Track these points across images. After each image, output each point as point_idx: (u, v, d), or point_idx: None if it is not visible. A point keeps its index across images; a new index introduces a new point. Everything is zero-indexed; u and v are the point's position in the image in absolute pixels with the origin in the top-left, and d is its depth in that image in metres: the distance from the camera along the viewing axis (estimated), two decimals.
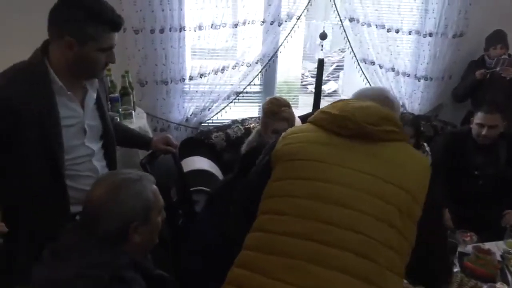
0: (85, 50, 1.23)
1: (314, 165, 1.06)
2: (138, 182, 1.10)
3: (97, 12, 1.22)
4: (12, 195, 1.29)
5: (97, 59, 1.27)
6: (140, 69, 2.54)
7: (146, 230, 1.09)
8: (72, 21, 1.21)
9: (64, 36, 1.21)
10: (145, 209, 1.09)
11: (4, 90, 1.16)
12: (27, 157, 1.23)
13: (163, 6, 2.44)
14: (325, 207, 1.00)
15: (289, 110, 2.03)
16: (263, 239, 1.03)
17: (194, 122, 2.78)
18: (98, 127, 1.43)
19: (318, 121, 1.15)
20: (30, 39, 1.32)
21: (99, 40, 1.24)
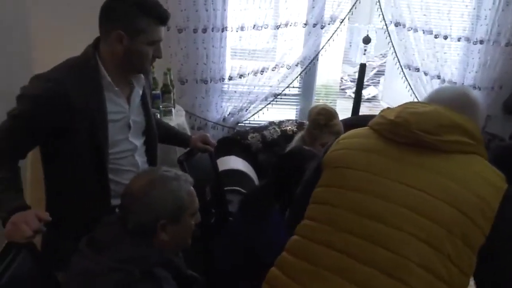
0: (135, 43, 1.27)
1: (358, 175, 1.01)
2: (174, 181, 1.11)
3: (146, 6, 1.26)
4: (58, 184, 1.35)
5: (146, 53, 1.30)
6: (182, 67, 2.59)
7: (175, 230, 1.10)
8: (123, 15, 1.25)
9: (114, 31, 1.25)
10: (177, 209, 1.09)
11: (58, 83, 1.21)
12: (75, 148, 1.28)
13: (207, 6, 2.47)
14: (361, 221, 0.95)
15: (339, 123, 1.98)
16: (298, 244, 1.03)
17: (231, 122, 2.79)
18: (142, 123, 1.47)
19: (375, 124, 1.07)
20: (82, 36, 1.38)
21: (149, 33, 1.27)
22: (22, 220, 1.07)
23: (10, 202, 1.13)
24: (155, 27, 1.29)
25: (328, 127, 1.95)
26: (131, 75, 1.39)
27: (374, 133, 1.06)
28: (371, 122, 1.11)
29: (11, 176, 1.20)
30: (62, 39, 2.36)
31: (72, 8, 2.36)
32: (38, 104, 1.20)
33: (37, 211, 1.11)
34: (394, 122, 1.01)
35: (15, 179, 1.21)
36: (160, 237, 1.08)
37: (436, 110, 1.00)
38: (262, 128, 2.69)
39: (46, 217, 1.10)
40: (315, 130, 1.97)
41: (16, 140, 1.22)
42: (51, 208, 1.38)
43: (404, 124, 0.98)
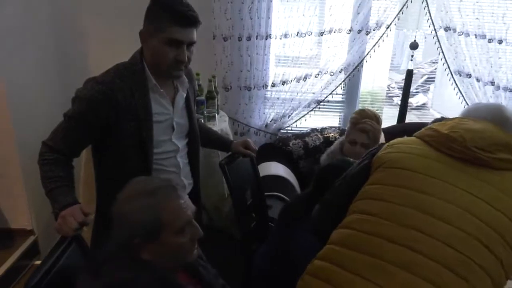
0: (154, 41, 1.31)
1: (416, 176, 1.04)
2: (150, 196, 1.00)
3: (167, 5, 1.29)
4: (107, 183, 1.44)
5: (164, 52, 1.31)
6: (226, 74, 2.65)
7: (157, 249, 1.00)
8: (149, 15, 1.32)
9: (143, 31, 1.33)
10: (151, 227, 0.98)
11: (109, 85, 1.30)
12: (123, 147, 1.35)
13: (251, 15, 2.52)
14: (422, 217, 0.97)
15: (371, 123, 1.97)
16: (349, 236, 1.04)
17: (274, 128, 2.81)
18: (185, 125, 1.52)
19: (425, 137, 1.12)
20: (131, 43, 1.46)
21: (167, 32, 1.28)
22: (69, 213, 1.15)
23: (62, 199, 1.21)
24: (174, 27, 1.28)
25: (357, 124, 1.96)
26: (165, 77, 1.41)
27: (425, 144, 1.11)
28: (419, 134, 1.16)
29: (65, 174, 1.29)
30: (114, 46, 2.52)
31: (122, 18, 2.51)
32: (89, 104, 1.29)
33: (82, 205, 1.19)
34: (449, 137, 1.06)
35: (68, 177, 1.29)
36: (143, 256, 0.99)
37: (488, 129, 1.06)
38: (304, 134, 2.68)
39: (88, 210, 1.18)
40: (349, 127, 2.02)
41: (71, 139, 1.31)
42: (100, 206, 1.47)
43: (459, 140, 1.04)
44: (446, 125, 1.10)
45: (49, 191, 1.24)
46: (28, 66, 2.31)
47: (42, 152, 1.30)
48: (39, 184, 1.28)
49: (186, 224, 1.03)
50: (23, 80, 2.27)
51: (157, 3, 1.31)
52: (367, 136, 1.92)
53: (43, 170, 1.27)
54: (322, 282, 1.00)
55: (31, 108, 2.34)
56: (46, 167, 1.27)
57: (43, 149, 1.30)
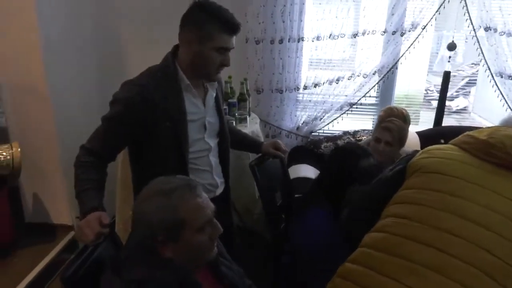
0: (202, 48, 1.36)
1: (452, 181, 1.03)
2: (168, 196, 1.02)
3: (216, 14, 1.34)
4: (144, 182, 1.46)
5: (213, 59, 1.37)
6: (258, 77, 2.67)
7: (179, 247, 1.02)
8: (195, 21, 1.35)
9: (187, 35, 1.36)
10: (172, 226, 1.00)
11: (145, 86, 1.35)
12: (159, 147, 1.39)
13: (284, 18, 2.53)
14: (459, 221, 0.96)
15: (397, 122, 1.92)
16: (382, 239, 1.03)
17: (305, 131, 2.80)
18: (216, 124, 1.55)
19: (462, 144, 1.11)
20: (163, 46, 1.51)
21: (215, 39, 1.35)
22: (85, 224, 1.14)
23: (87, 203, 1.23)
24: (224, 35, 1.36)
25: (383, 122, 1.92)
26: (201, 80, 1.47)
27: (462, 150, 1.10)
28: (455, 141, 1.15)
29: (97, 178, 1.31)
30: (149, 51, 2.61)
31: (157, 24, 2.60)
32: (127, 106, 1.34)
33: (101, 214, 1.18)
34: (487, 143, 1.05)
35: (99, 181, 1.32)
36: (165, 254, 1.02)
37: None
38: (336, 137, 2.65)
39: (106, 221, 1.16)
40: (376, 124, 2.00)
41: (109, 141, 1.36)
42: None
43: (499, 146, 1.03)
44: (484, 132, 1.09)
45: (78, 193, 1.27)
46: (69, 71, 2.43)
47: (79, 155, 1.34)
48: None
49: (205, 222, 1.05)
50: (64, 83, 2.39)
51: (204, 11, 1.35)
52: (391, 134, 1.87)
53: (76, 172, 1.31)
54: (353, 284, 1.00)
55: (72, 110, 2.46)
56: (80, 169, 1.31)
57: (80, 152, 1.35)
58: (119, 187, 2.23)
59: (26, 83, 2.25)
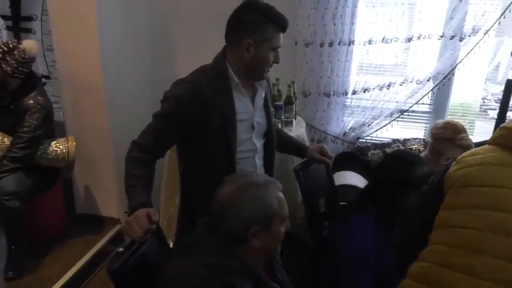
0: (260, 50, 1.36)
1: (492, 192, 0.95)
2: (263, 187, 1.09)
3: (271, 16, 1.35)
4: (191, 180, 1.50)
5: (268, 59, 1.40)
6: (306, 80, 2.63)
7: (266, 237, 1.08)
8: (251, 25, 1.35)
9: (243, 40, 1.36)
10: (267, 215, 1.07)
11: (196, 84, 1.37)
12: (208, 144, 1.40)
13: (335, 21, 2.48)
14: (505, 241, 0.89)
15: (468, 137, 1.82)
16: (428, 271, 0.98)
17: (352, 136, 2.73)
18: (264, 125, 1.54)
19: (497, 139, 1.04)
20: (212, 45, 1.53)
21: (273, 40, 1.37)
22: (134, 219, 1.16)
23: (135, 198, 1.25)
24: (278, 35, 1.38)
25: (455, 141, 1.80)
26: (252, 80, 1.48)
27: (497, 148, 1.02)
28: (492, 139, 1.07)
29: (146, 174, 1.34)
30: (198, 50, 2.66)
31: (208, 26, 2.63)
32: (179, 103, 1.36)
33: (150, 210, 1.19)
34: None
35: (147, 178, 1.34)
36: (253, 244, 1.06)
37: None
38: (384, 145, 2.55)
39: (155, 217, 1.18)
40: (441, 145, 1.83)
41: (159, 138, 1.38)
42: (185, 202, 1.55)
43: None
44: None
45: (127, 188, 1.30)
46: (123, 69, 2.53)
47: (129, 150, 1.38)
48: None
49: (287, 215, 1.13)
50: (119, 81, 2.49)
51: (255, 12, 1.35)
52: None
53: (127, 167, 1.34)
54: None
55: (124, 106, 2.56)
56: (130, 164, 1.34)
57: (131, 147, 1.38)
58: (165, 184, 2.28)
59: (84, 80, 2.36)
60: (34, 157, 2.19)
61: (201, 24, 2.68)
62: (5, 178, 2.03)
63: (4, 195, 1.99)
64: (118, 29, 2.42)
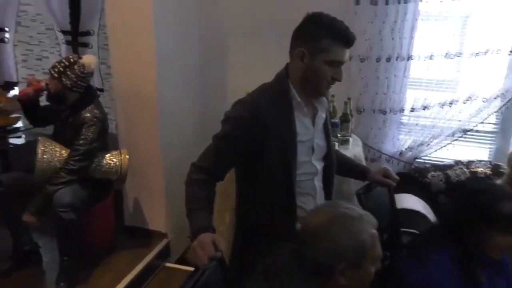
0: (315, 61, 1.29)
1: None
2: (357, 221, 1.01)
3: (332, 27, 1.28)
4: (249, 202, 1.45)
5: (324, 72, 1.31)
6: (360, 96, 2.54)
7: (354, 276, 1.01)
8: (307, 34, 1.30)
9: (299, 49, 1.31)
10: (358, 252, 0.99)
11: (255, 104, 1.32)
12: (268, 166, 1.35)
13: (393, 35, 2.38)
14: None
15: None
16: None
17: (409, 156, 2.59)
18: (323, 147, 1.47)
19: None
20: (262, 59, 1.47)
21: (329, 52, 1.28)
22: (199, 245, 1.11)
23: (198, 222, 1.21)
24: (337, 48, 1.28)
25: None
26: (311, 97, 1.40)
27: None
28: None
29: (207, 196, 1.30)
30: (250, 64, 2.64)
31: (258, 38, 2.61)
32: (239, 124, 1.32)
33: (215, 237, 1.15)
34: None
35: (208, 200, 1.30)
36: (339, 282, 1.00)
37: None
38: (446, 166, 2.40)
39: (220, 245, 1.13)
40: None
41: (220, 159, 1.35)
42: (242, 222, 1.50)
43: None
44: None
45: (189, 211, 1.27)
46: (176, 84, 2.54)
47: (190, 172, 1.34)
48: (177, 192, 1.32)
49: (380, 255, 1.03)
50: (172, 96, 2.50)
51: (316, 23, 1.29)
52: None
53: (187, 190, 1.31)
54: None
55: (176, 122, 2.56)
56: (190, 187, 1.31)
57: (191, 169, 1.35)
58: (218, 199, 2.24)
59: (138, 94, 2.39)
60: (89, 169, 2.22)
61: (253, 37, 2.67)
62: (61, 190, 2.06)
63: (60, 206, 2.02)
64: (172, 44, 2.44)
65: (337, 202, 1.14)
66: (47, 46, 3.42)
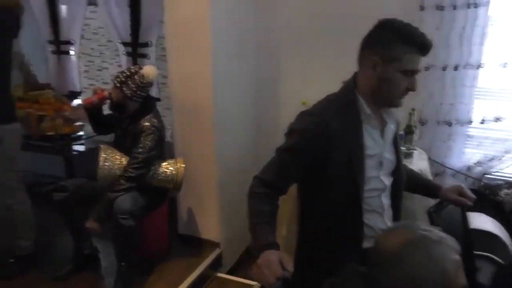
0: (388, 70, 1.22)
1: None
2: (438, 245, 0.91)
3: (406, 33, 1.21)
4: (312, 218, 1.39)
5: (397, 82, 1.23)
6: (423, 107, 2.40)
7: None
8: (380, 41, 1.23)
9: (370, 57, 1.24)
10: (439, 282, 0.89)
11: (321, 116, 1.27)
12: (333, 182, 1.29)
13: (462, 41, 2.23)
14: None
15: None
16: None
17: (477, 172, 2.40)
18: (392, 162, 1.39)
19: None
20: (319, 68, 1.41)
21: (404, 61, 1.21)
22: (266, 264, 1.06)
23: (262, 238, 1.17)
24: (412, 56, 1.22)
25: None
26: (381, 107, 1.34)
27: None
28: None
29: (270, 210, 1.26)
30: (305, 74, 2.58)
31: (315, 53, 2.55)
32: (305, 137, 1.27)
33: (283, 256, 1.09)
34: None
35: (272, 215, 1.26)
36: None
37: None
38: None
39: (289, 267, 1.07)
40: None
41: (283, 173, 1.30)
42: (304, 238, 1.44)
43: None
44: None
45: (252, 225, 1.23)
46: (231, 95, 2.54)
47: (252, 185, 1.31)
48: (230, 201, 1.29)
49: (464, 284, 0.93)
50: (226, 107, 2.49)
51: (390, 30, 1.23)
52: None
53: (250, 203, 1.28)
54: None
55: (230, 132, 2.55)
56: (253, 200, 1.27)
57: (254, 182, 1.32)
58: None
59: (195, 104, 2.41)
60: (147, 177, 2.26)
61: (307, 45, 2.62)
62: (121, 197, 2.11)
63: (121, 213, 2.06)
64: (228, 54, 2.44)
65: (413, 223, 1.03)
66: (107, 57, 3.58)
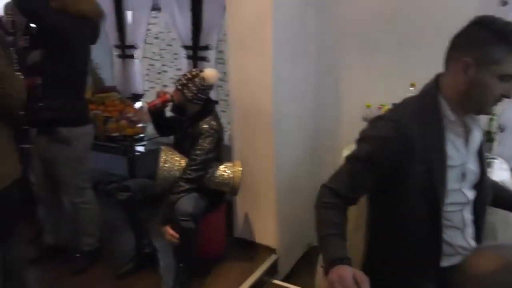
0: (482, 74, 1.11)
1: None
2: None
3: (506, 32, 1.08)
4: (383, 231, 1.30)
5: (493, 87, 1.11)
6: (503, 111, 2.19)
7: None
8: (476, 42, 1.11)
9: (461, 58, 1.12)
10: None
11: (400, 122, 1.18)
12: (412, 193, 1.19)
13: None
14: None
15: None
16: None
17: None
18: (476, 174, 1.27)
19: None
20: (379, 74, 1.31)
21: (503, 64, 1.09)
22: (338, 279, 0.99)
23: (333, 251, 1.10)
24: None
25: None
26: (468, 114, 1.22)
27: None
28: None
29: (340, 221, 1.18)
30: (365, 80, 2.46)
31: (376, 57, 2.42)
32: (381, 144, 1.18)
33: (356, 272, 1.01)
34: None
35: (343, 227, 1.18)
36: None
37: None
38: None
39: (365, 285, 0.98)
40: None
41: (354, 182, 1.22)
42: (372, 256, 1.35)
43: None
44: None
45: (322, 237, 1.16)
46: (291, 99, 2.48)
47: (321, 195, 1.24)
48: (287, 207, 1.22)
49: None
50: (286, 112, 2.44)
51: (487, 28, 1.11)
52: None
53: (319, 213, 1.21)
54: None
55: (289, 137, 2.50)
56: (322, 210, 1.21)
57: (322, 191, 1.24)
58: None
59: (254, 108, 2.39)
60: (204, 179, 2.26)
61: (368, 49, 2.50)
62: (182, 199, 2.12)
63: (182, 215, 2.07)
64: (289, 58, 2.39)
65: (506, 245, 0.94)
66: (166, 61, 3.68)
